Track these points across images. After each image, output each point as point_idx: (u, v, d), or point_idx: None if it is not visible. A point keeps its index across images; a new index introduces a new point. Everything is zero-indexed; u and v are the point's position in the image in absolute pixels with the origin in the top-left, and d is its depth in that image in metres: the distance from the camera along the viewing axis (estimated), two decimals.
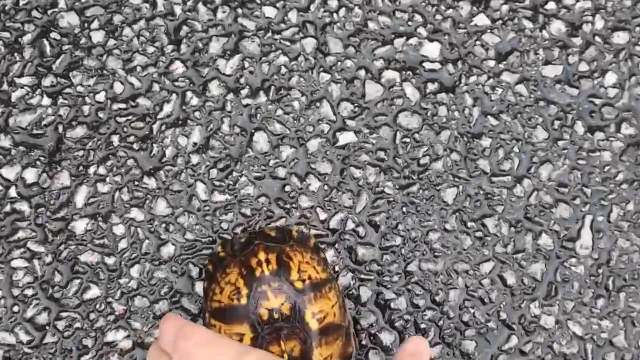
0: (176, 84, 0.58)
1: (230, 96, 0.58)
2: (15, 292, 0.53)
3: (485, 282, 0.56)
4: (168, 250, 0.55)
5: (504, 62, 0.60)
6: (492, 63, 0.60)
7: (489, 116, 0.59)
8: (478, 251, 0.57)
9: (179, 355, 0.33)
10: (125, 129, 0.56)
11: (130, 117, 0.57)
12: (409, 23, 0.60)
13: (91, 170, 0.55)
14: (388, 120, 0.59)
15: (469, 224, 0.57)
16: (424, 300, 0.56)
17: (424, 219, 0.57)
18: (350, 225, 0.56)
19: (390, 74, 0.59)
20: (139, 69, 0.58)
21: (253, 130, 0.57)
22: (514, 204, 0.58)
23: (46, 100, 0.56)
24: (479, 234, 0.57)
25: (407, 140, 0.58)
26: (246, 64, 0.58)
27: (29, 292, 0.53)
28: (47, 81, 0.57)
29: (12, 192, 0.55)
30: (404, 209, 0.57)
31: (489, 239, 0.57)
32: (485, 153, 0.59)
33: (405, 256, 0.56)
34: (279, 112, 0.58)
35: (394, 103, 0.59)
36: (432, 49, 0.60)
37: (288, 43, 0.59)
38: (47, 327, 0.53)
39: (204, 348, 0.33)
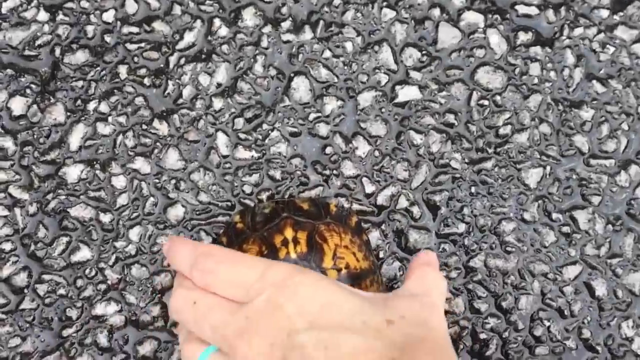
0: (202, 7, 0.46)
1: (268, 29, 0.46)
2: None
3: (568, 290, 0.45)
4: (176, 213, 0.44)
5: (621, 13, 0.47)
6: (604, 13, 0.47)
7: (594, 81, 0.47)
8: (562, 250, 0.45)
9: (199, 274, 0.32)
10: (135, 59, 0.46)
11: (142, 45, 0.46)
12: None
13: (91, 106, 0.45)
14: (463, 75, 0.46)
15: (555, 215, 0.45)
16: (487, 304, 0.44)
17: (497, 203, 0.45)
18: (402, 203, 0.45)
19: (471, 17, 0.47)
20: None
21: (292, 74, 0.46)
22: (615, 195, 0.46)
23: (43, 15, 0.46)
24: (565, 229, 0.45)
25: (486, 103, 0.46)
26: None
27: (7, 246, 0.44)
28: None
29: None
30: (473, 189, 0.45)
31: (577, 236, 0.45)
32: (585, 127, 0.46)
33: (469, 248, 0.45)
34: (327, 53, 0.46)
35: (474, 54, 0.46)
36: None
37: None
38: (25, 291, 0.44)
39: (227, 265, 0.31)
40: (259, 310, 0.30)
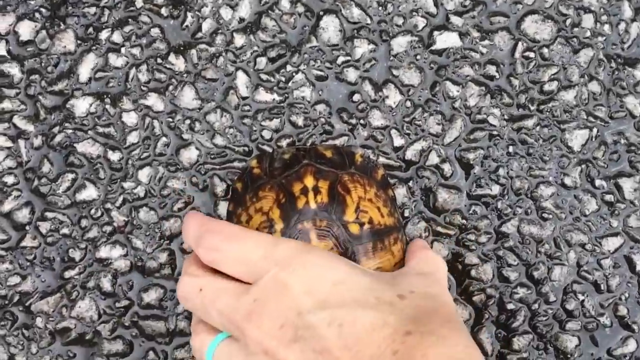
0: None
1: None
2: None
3: (606, 264, 0.41)
4: (189, 155, 0.42)
5: None
6: None
7: None
8: (604, 220, 0.42)
9: (204, 250, 0.32)
10: None
11: None
12: None
13: (103, 35, 0.42)
14: (509, 23, 0.42)
15: (598, 182, 0.42)
16: (517, 273, 0.41)
17: (536, 165, 0.42)
18: (433, 159, 0.42)
19: None
20: None
21: (321, 13, 0.42)
22: None
23: None
24: (609, 197, 0.42)
25: (531, 55, 0.42)
26: None
27: (9, 179, 0.41)
28: None
29: (1, 48, 0.42)
30: (511, 149, 0.42)
31: (621, 206, 0.42)
32: (638, 88, 0.42)
33: (502, 212, 0.42)
34: None
35: (522, 1, 0.43)
36: None
37: None
38: (27, 228, 0.41)
39: (233, 244, 0.31)
40: (265, 290, 0.30)
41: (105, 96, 0.42)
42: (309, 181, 0.36)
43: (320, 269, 0.30)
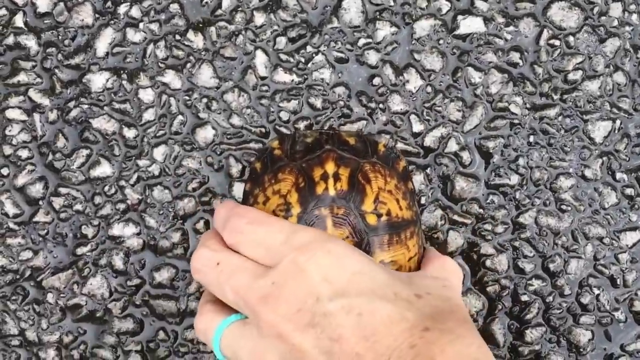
0: None
1: None
2: (7, 150, 0.41)
3: (624, 258, 0.41)
4: (205, 134, 0.41)
5: None
6: None
7: None
8: (623, 214, 0.41)
9: (228, 232, 0.32)
10: None
11: None
12: None
13: (122, 9, 0.41)
14: (535, 10, 0.41)
15: (619, 175, 0.41)
16: (532, 265, 0.41)
17: (556, 156, 0.41)
18: (452, 146, 0.41)
19: None
20: None
21: None
22: None
23: None
24: (629, 191, 0.41)
25: (557, 43, 0.41)
26: None
27: (24, 153, 0.41)
28: None
29: (19, 20, 0.41)
30: (531, 139, 0.41)
31: None
32: None
33: (520, 202, 0.41)
34: None
35: None
36: None
37: None
38: (40, 203, 0.41)
39: (257, 226, 0.32)
40: (284, 274, 0.30)
41: (122, 72, 0.41)
42: (330, 167, 0.35)
43: (339, 258, 0.30)
